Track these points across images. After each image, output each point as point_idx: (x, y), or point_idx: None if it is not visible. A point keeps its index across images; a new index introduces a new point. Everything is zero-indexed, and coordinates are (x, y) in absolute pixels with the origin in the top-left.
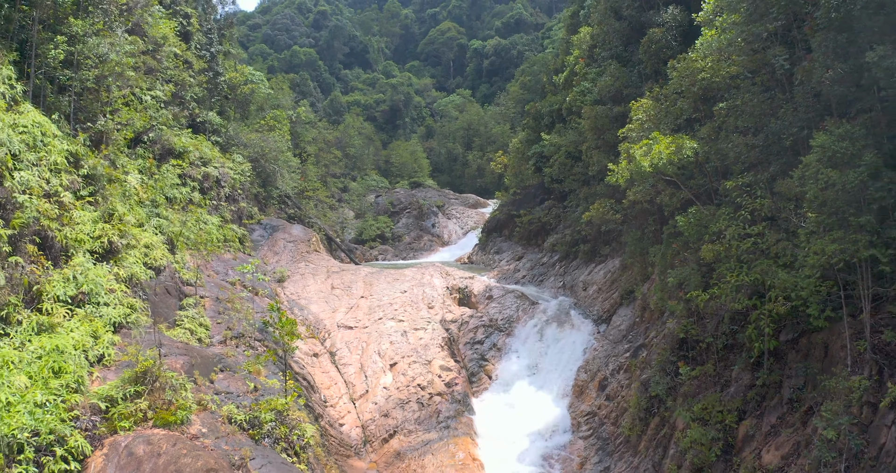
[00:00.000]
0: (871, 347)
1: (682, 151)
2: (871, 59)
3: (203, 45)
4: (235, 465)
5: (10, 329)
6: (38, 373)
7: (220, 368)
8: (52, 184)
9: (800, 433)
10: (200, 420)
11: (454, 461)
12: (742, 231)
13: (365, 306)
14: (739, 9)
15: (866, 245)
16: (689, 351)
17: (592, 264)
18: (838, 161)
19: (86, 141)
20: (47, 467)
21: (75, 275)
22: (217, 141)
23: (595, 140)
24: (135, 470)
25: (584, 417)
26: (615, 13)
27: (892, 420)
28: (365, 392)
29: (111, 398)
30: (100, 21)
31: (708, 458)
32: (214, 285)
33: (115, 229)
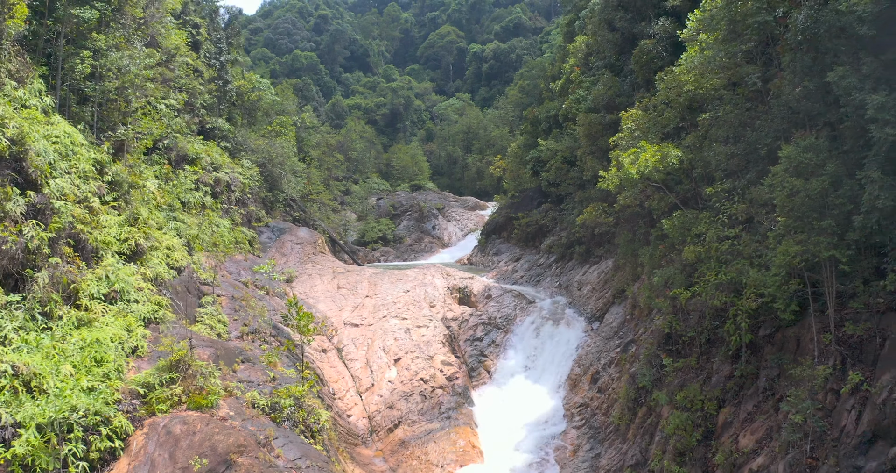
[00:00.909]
0: (835, 339)
1: (667, 159)
2: (832, 78)
3: (212, 54)
4: (261, 443)
5: (52, 324)
6: (82, 362)
7: (242, 359)
8: (83, 190)
9: (772, 419)
10: (228, 405)
11: (455, 448)
12: (721, 234)
13: (370, 305)
14: (718, 29)
15: (827, 247)
16: (674, 345)
17: (587, 265)
18: (803, 171)
19: (109, 149)
20: (94, 444)
21: (107, 274)
22: (226, 147)
23: (589, 146)
24: (173, 446)
25: (577, 408)
26: (608, 25)
27: (852, 404)
28: (371, 386)
29: (149, 385)
30: (120, 35)
31: (689, 443)
32: (229, 284)
33: (140, 232)
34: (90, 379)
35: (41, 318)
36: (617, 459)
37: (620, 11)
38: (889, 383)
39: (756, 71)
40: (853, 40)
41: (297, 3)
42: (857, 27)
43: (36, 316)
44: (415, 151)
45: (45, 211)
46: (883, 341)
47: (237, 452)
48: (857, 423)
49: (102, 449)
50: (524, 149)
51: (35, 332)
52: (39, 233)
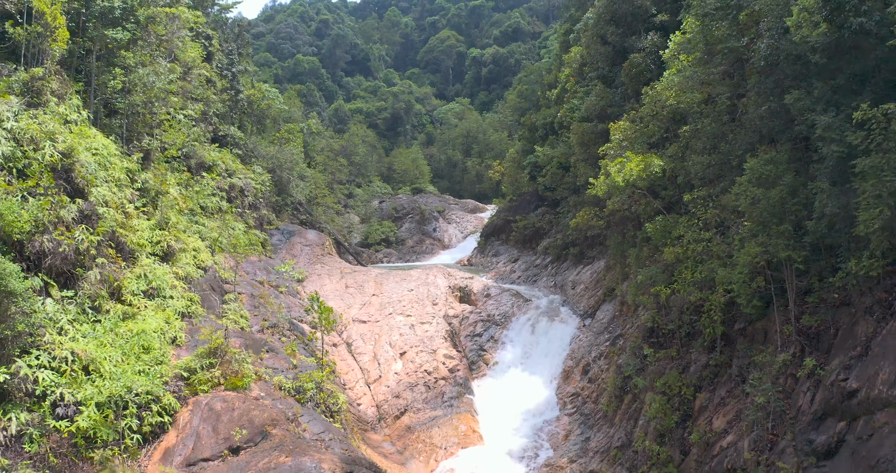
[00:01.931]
0: (795, 330)
1: (650, 169)
2: (789, 100)
3: (224, 65)
4: (290, 419)
5: (101, 317)
6: (131, 350)
7: (266, 349)
8: (119, 197)
9: (742, 402)
10: (258, 387)
11: (457, 432)
12: (697, 236)
13: (376, 302)
14: (695, 51)
15: (784, 248)
16: (657, 338)
17: (581, 265)
18: (764, 181)
19: (138, 159)
20: (146, 419)
21: (145, 273)
22: (238, 153)
23: (582, 153)
24: (216, 420)
25: (570, 397)
26: (601, 38)
27: (807, 387)
28: (378, 377)
29: (191, 368)
30: (146, 53)
31: (669, 425)
32: (247, 283)
33: (171, 236)
34: (140, 364)
35: (91, 312)
36: (605, 442)
37: (612, 26)
38: (837, 367)
39: (727, 91)
40: (807, 67)
41: (299, 8)
42: (810, 55)
43: (86, 310)
44: (416, 155)
45: (92, 217)
46: (836, 331)
47: (271, 425)
48: (811, 403)
49: (154, 424)
50: (522, 154)
51: (87, 324)
52: (88, 236)
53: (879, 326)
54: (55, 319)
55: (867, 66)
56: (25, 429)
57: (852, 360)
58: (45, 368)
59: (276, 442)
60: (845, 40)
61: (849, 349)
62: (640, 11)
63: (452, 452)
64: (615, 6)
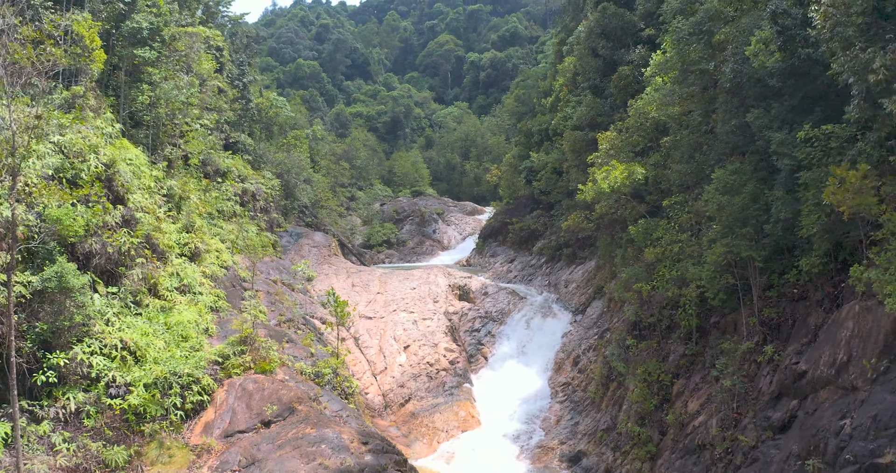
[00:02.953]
0: (758, 321)
1: (633, 176)
2: (750, 118)
3: (235, 75)
4: (312, 398)
5: (142, 310)
6: (171, 339)
7: (286, 340)
8: (150, 202)
9: (713, 387)
10: (283, 372)
11: (457, 418)
12: (674, 238)
13: (381, 300)
14: (672, 71)
15: (746, 248)
16: (640, 331)
17: (573, 265)
18: (729, 189)
19: (164, 167)
20: (188, 398)
21: (177, 272)
22: (248, 159)
23: (574, 160)
24: (249, 399)
25: (561, 386)
26: (592, 51)
27: (767, 371)
28: (384, 369)
29: (225, 355)
30: (169, 69)
31: (649, 408)
32: (263, 282)
33: (198, 238)
34: (180, 351)
35: (133, 306)
36: (592, 425)
37: (603, 40)
38: (791, 353)
39: (700, 107)
40: (766, 89)
41: (299, 13)
42: (768, 79)
43: (129, 304)
44: (415, 158)
45: (131, 221)
46: (794, 322)
47: (297, 402)
48: (769, 385)
49: (194, 402)
50: (518, 159)
51: (130, 316)
52: (129, 239)
53: (826, 316)
54: (102, 312)
55: (817, 89)
56: (83, 407)
57: (804, 346)
58: (97, 354)
59: (301, 417)
60: (797, 67)
61: (802, 337)
62: (628, 26)
63: (453, 434)
64: (606, 21)
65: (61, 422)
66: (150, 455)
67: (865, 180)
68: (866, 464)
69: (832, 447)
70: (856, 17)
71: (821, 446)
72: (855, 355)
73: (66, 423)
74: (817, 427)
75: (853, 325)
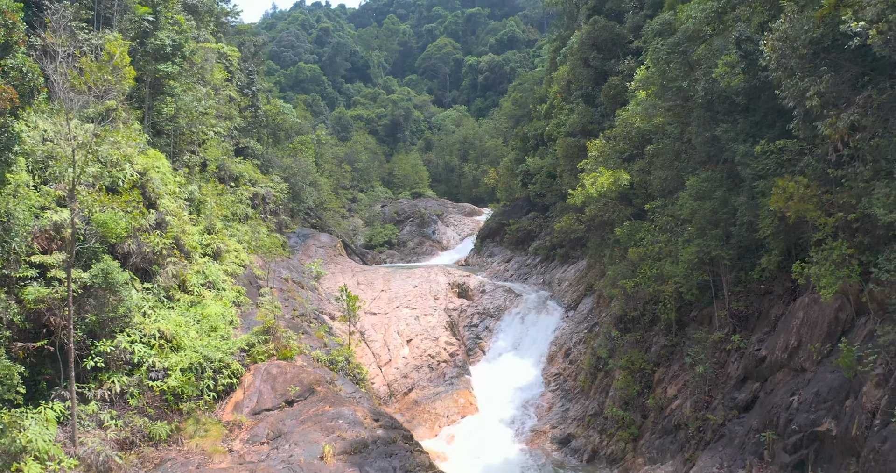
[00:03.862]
0: (729, 314)
1: (619, 182)
2: (719, 132)
3: (244, 84)
4: (328, 381)
5: (174, 304)
6: (202, 329)
7: (302, 332)
8: (176, 206)
9: (689, 374)
10: (301, 359)
11: (457, 405)
12: (654, 239)
13: (385, 297)
14: (653, 86)
15: (716, 248)
16: (625, 324)
17: (566, 264)
18: (701, 195)
19: (186, 174)
20: (219, 381)
21: (202, 269)
22: (256, 164)
23: (566, 165)
24: (273, 381)
25: (553, 376)
26: (584, 62)
27: (734, 358)
28: (388, 361)
29: (250, 343)
30: (189, 82)
31: (632, 394)
32: (275, 279)
33: (219, 239)
34: (211, 339)
35: (165, 300)
36: (581, 411)
37: (594, 51)
38: (755, 341)
39: (674, 121)
40: (733, 105)
41: (300, 16)
42: (734, 97)
43: (162, 299)
44: (415, 161)
45: (162, 224)
46: (759, 314)
47: (316, 384)
48: (736, 370)
49: (225, 384)
50: (515, 163)
51: (164, 309)
52: (161, 240)
53: (785, 308)
54: (140, 305)
55: (776, 107)
56: (127, 388)
57: (765, 335)
58: (137, 342)
59: (320, 397)
60: (758, 88)
61: (764, 327)
62: (618, 38)
63: (453, 420)
64: (596, 33)
65: (107, 403)
66: (188, 430)
67: (807, 190)
68: (808, 432)
69: (783, 420)
70: (799, 49)
71: (774, 420)
72: (804, 340)
73: (111, 403)
74: (772, 404)
75: (803, 315)
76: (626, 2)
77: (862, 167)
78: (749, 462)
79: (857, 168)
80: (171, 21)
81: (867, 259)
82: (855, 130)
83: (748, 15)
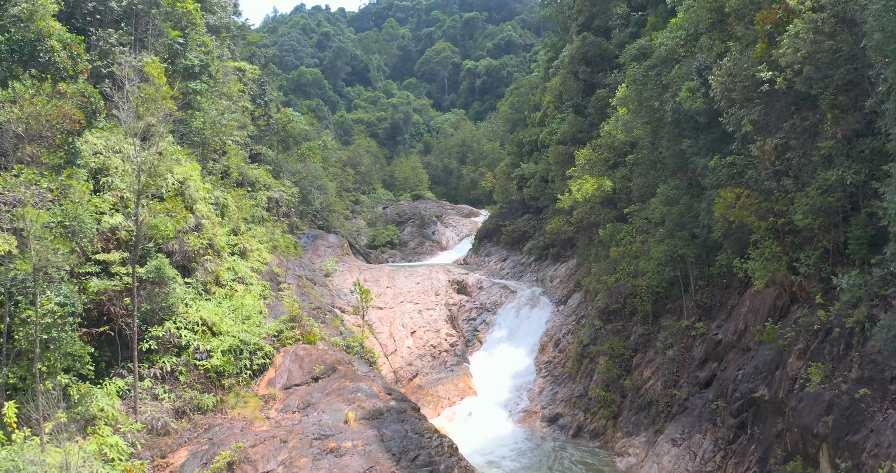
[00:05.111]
0: (695, 305)
1: (602, 188)
2: (684, 146)
3: (257, 94)
4: (346, 362)
5: (210, 297)
6: (237, 318)
7: (320, 321)
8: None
9: (661, 357)
10: (322, 344)
11: (457, 389)
12: (632, 239)
13: (390, 293)
14: (629, 105)
15: (682, 247)
16: (607, 315)
17: (558, 263)
18: (669, 201)
19: (213, 180)
20: (254, 361)
21: (232, 266)
22: (268, 169)
23: (558, 171)
24: (300, 361)
25: (544, 364)
26: (574, 75)
27: (698, 343)
28: (394, 350)
29: (279, 330)
30: (213, 96)
31: (613, 377)
32: (291, 276)
33: (245, 239)
34: (246, 326)
35: (203, 293)
36: (568, 393)
37: (583, 65)
38: (714, 328)
39: (650, 135)
40: (696, 124)
41: (301, 20)
42: (697, 117)
43: (200, 292)
44: (415, 164)
45: (199, 226)
46: (720, 304)
47: (337, 364)
48: (700, 353)
49: (259, 364)
50: (510, 167)
51: (202, 301)
52: (198, 240)
53: (739, 298)
54: (182, 298)
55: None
56: (176, 367)
57: (722, 322)
58: (183, 328)
59: (341, 374)
60: (716, 110)
61: (722, 315)
62: (605, 54)
63: (454, 401)
64: (585, 48)
65: (159, 380)
66: (230, 402)
67: (747, 199)
68: (747, 398)
69: (730, 390)
70: (740, 84)
71: (724, 391)
72: (749, 324)
73: (163, 380)
74: (724, 379)
75: (749, 303)
76: (612, 20)
77: (788, 181)
78: (704, 428)
79: (784, 182)
80: (199, 42)
81: (794, 256)
82: (784, 150)
83: (709, 45)
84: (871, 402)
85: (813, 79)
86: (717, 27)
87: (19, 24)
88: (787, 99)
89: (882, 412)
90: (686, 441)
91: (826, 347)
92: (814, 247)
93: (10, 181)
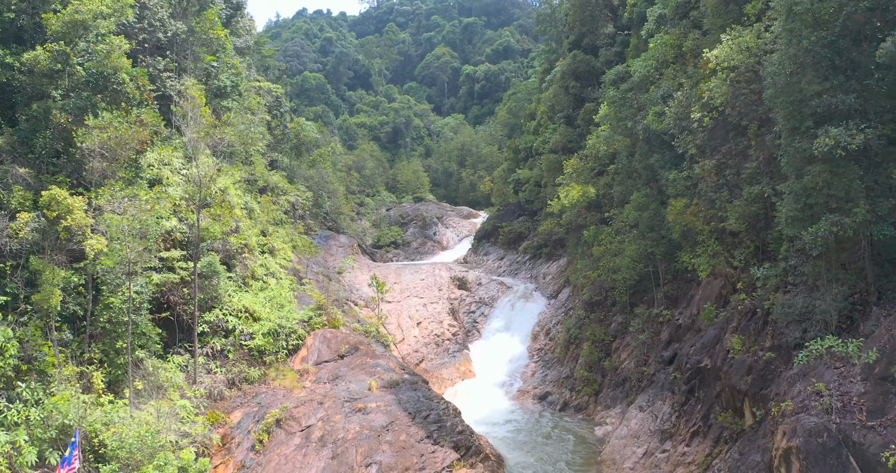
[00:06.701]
0: (664, 295)
1: (587, 195)
2: (653, 160)
3: (272, 104)
4: (366, 343)
5: (248, 289)
6: (273, 307)
7: (341, 311)
8: (242, 214)
9: (635, 341)
10: (344, 328)
11: (459, 372)
12: (611, 239)
13: (397, 288)
14: (610, 122)
15: (651, 246)
16: (591, 306)
17: (551, 261)
18: (641, 207)
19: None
20: (289, 342)
21: (264, 263)
22: (283, 175)
23: (550, 177)
24: (328, 342)
25: (536, 351)
26: (565, 89)
27: (665, 328)
28: (402, 339)
29: (308, 316)
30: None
31: (594, 360)
32: (310, 273)
33: (273, 240)
34: (281, 313)
35: (243, 285)
36: (556, 375)
37: (573, 80)
38: (677, 314)
39: (627, 149)
40: (662, 141)
41: (303, 25)
42: (663, 136)
43: (240, 285)
44: (416, 167)
45: (237, 228)
46: (683, 294)
47: (359, 344)
48: (666, 336)
49: (294, 345)
50: (507, 172)
51: (242, 292)
52: (238, 240)
53: (698, 288)
54: (227, 289)
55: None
56: (226, 347)
57: (683, 309)
58: (228, 315)
59: (363, 352)
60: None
61: (684, 303)
62: (593, 70)
63: (455, 382)
64: (575, 65)
65: (211, 357)
66: (271, 375)
67: (695, 207)
68: (695, 368)
69: (684, 363)
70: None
71: (680, 365)
72: (700, 310)
73: (214, 358)
74: (682, 355)
75: (701, 292)
76: (600, 39)
77: (725, 193)
78: (665, 396)
79: (722, 194)
80: (229, 65)
81: (731, 253)
82: (723, 168)
83: (671, 76)
84: (778, 364)
85: (741, 114)
86: (679, 61)
87: (96, 59)
88: (724, 128)
89: (786, 371)
90: (650, 407)
91: (751, 324)
92: (745, 246)
93: (104, 194)
